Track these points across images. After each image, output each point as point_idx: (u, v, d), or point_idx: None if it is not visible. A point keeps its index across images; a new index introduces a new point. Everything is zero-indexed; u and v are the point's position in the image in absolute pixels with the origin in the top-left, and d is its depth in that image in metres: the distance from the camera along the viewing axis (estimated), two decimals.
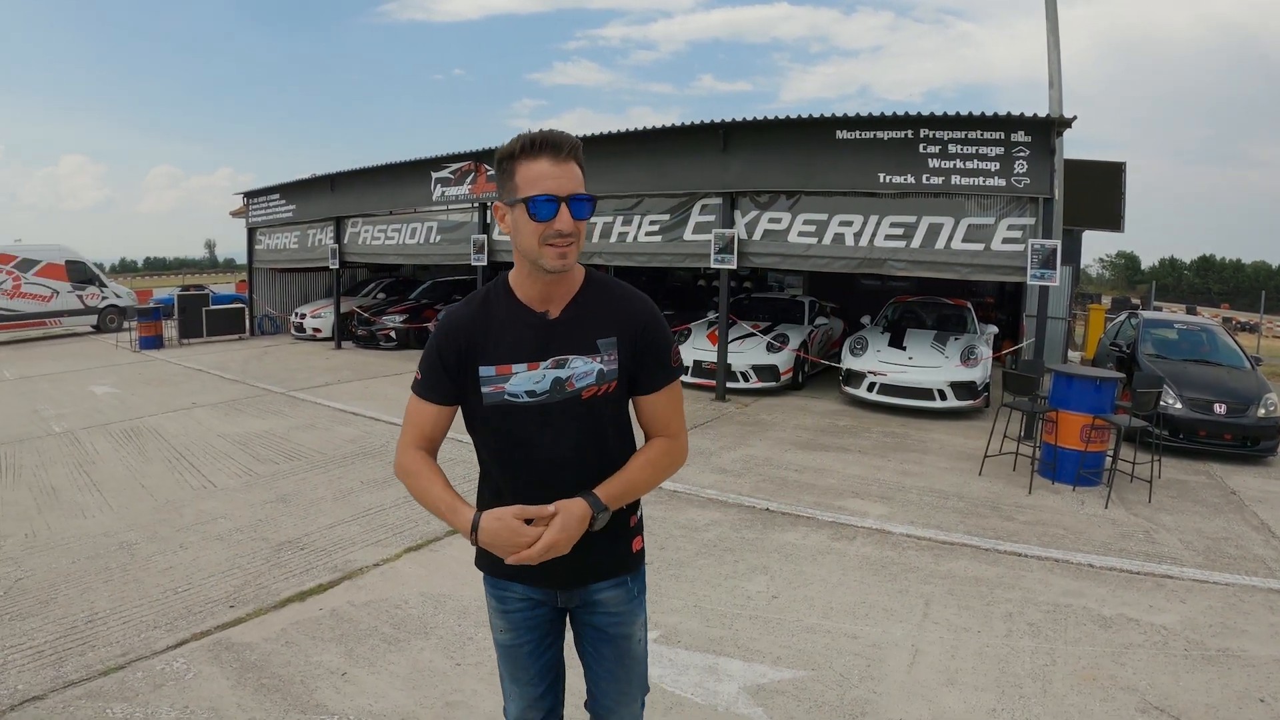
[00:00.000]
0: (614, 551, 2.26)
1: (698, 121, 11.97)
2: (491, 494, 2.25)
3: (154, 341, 19.72)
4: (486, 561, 2.29)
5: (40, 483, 7.76)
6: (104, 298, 24.88)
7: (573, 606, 2.33)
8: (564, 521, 2.02)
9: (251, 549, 5.98)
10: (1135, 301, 33.79)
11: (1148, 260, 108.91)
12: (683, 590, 5.20)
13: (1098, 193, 17.74)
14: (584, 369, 2.13)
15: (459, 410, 2.29)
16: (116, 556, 5.82)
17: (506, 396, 2.13)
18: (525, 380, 2.12)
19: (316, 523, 6.54)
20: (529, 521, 2.04)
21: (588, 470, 2.15)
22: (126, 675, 4.16)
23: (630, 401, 2.27)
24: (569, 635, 2.44)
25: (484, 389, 2.14)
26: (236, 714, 3.82)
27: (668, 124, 12.43)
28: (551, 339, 2.13)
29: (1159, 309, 24.95)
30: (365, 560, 5.75)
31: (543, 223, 1.99)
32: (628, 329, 2.17)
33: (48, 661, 4.30)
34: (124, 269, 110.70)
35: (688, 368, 12.94)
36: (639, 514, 2.38)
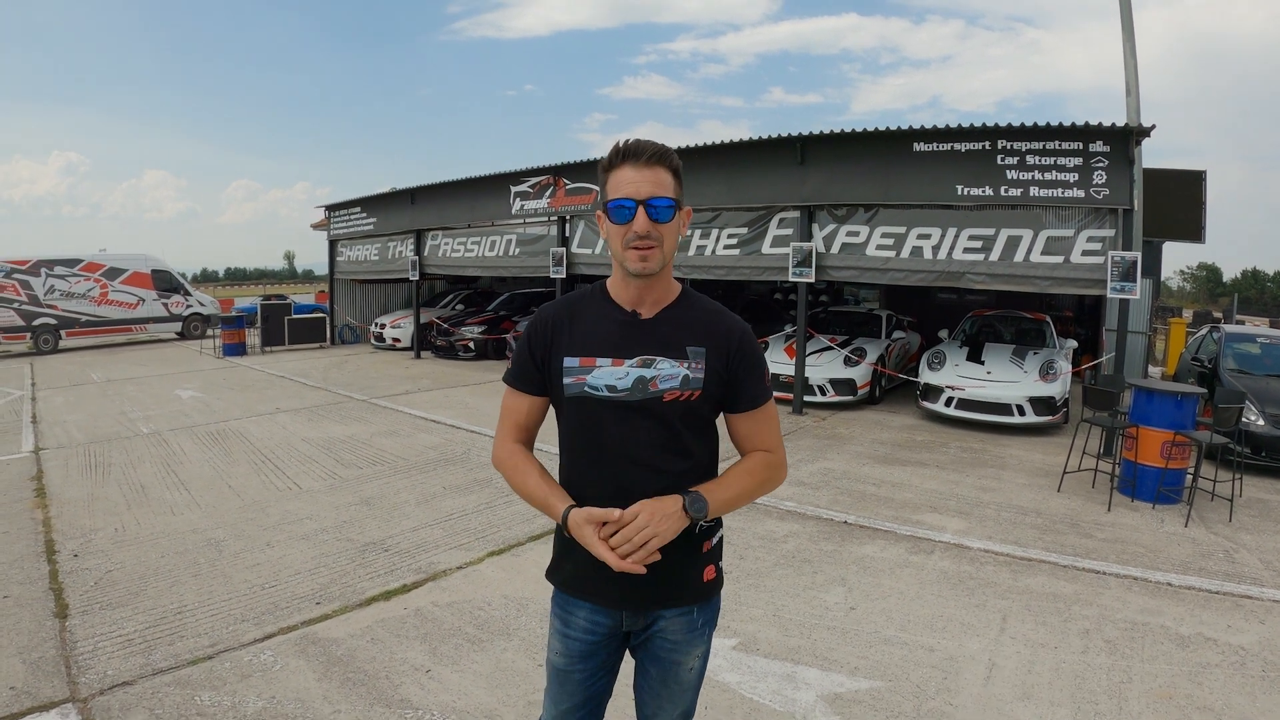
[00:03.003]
0: (684, 576, 2.21)
1: (774, 135, 12.09)
2: (564, 485, 2.24)
3: (237, 348, 20.45)
4: (561, 576, 2.30)
5: (129, 480, 8.13)
6: (188, 306, 25.80)
7: (636, 629, 2.28)
8: (652, 510, 2.03)
9: (337, 549, 6.20)
10: (1217, 315, 32.80)
11: (1230, 272, 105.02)
12: (761, 600, 5.30)
13: (1177, 203, 17.36)
14: (670, 371, 2.12)
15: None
16: (204, 553, 6.09)
17: (587, 389, 2.14)
18: (608, 375, 2.13)
19: (400, 525, 6.76)
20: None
21: (668, 476, 2.13)
22: (214, 665, 4.36)
23: (726, 420, 2.29)
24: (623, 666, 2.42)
25: (565, 380, 2.16)
26: (322, 706, 3.98)
27: (745, 138, 12.57)
28: (640, 337, 2.15)
29: (1241, 322, 24.27)
30: (448, 563, 5.93)
31: (621, 225, 2.08)
32: (722, 343, 2.18)
33: (137, 649, 4.53)
34: (205, 279, 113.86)
35: None
36: (716, 539, 2.31)
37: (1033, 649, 4.66)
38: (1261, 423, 8.97)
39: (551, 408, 2.32)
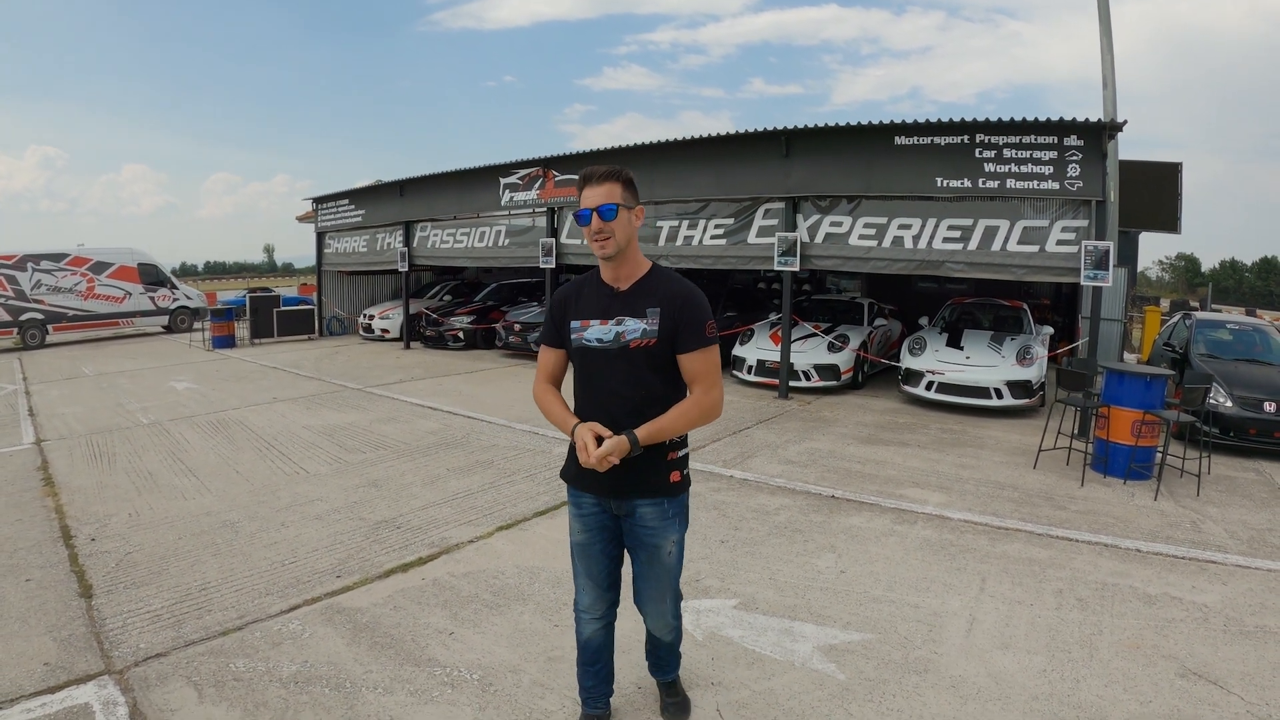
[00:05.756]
0: (651, 476, 3.11)
1: (760, 129, 12.36)
2: (576, 410, 3.17)
3: (227, 341, 20.53)
4: (569, 473, 3.26)
5: (136, 468, 8.28)
6: (175, 299, 25.88)
7: (622, 515, 3.21)
8: (609, 445, 2.92)
9: (350, 527, 6.43)
10: (1194, 304, 33.38)
11: (1208, 262, 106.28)
12: (757, 565, 5.63)
13: (1154, 194, 17.72)
14: (634, 327, 3.04)
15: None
16: (221, 533, 6.29)
17: (585, 341, 3.11)
18: (597, 331, 3.09)
19: (409, 505, 7.00)
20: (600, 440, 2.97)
21: (635, 400, 3.04)
22: (245, 635, 4.58)
23: (677, 359, 3.07)
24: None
25: (572, 336, 3.14)
26: (354, 667, 4.22)
27: (732, 131, 12.83)
28: (616, 304, 3.09)
29: (1217, 311, 24.74)
30: (460, 537, 6.19)
31: (585, 227, 3.03)
32: (670, 302, 3.05)
33: (166, 624, 4.72)
34: (184, 272, 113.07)
35: (751, 366, 13.33)
36: (680, 453, 3.20)
37: (1010, 606, 5.01)
38: (1229, 404, 9.34)
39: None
